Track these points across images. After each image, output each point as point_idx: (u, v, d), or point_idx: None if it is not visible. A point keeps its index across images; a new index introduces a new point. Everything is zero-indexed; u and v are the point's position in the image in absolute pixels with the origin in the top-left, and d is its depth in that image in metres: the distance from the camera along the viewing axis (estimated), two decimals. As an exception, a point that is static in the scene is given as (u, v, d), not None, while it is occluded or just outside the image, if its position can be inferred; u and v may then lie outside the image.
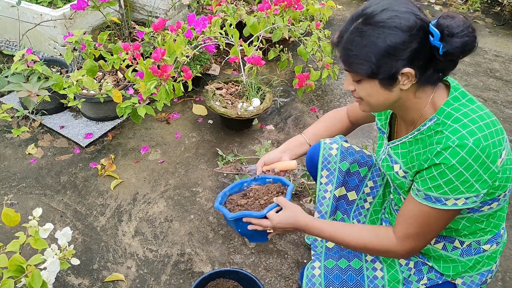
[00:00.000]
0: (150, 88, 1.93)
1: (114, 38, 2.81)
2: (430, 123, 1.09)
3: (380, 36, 1.00)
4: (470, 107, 1.06)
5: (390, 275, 1.30)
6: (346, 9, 4.24)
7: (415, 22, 0.99)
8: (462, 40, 0.98)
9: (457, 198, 1.05)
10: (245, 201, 1.45)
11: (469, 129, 1.01)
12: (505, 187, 1.10)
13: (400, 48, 0.99)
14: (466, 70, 3.33)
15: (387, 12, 1.01)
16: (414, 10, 1.01)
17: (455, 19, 0.98)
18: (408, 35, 0.99)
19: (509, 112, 2.89)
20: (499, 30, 4.02)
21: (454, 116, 1.05)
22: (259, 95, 2.49)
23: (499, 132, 1.05)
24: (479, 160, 1.00)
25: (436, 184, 1.05)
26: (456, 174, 1.02)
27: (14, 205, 2.06)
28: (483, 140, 1.00)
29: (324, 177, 1.47)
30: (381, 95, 1.08)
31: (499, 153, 1.03)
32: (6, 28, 2.90)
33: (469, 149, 1.00)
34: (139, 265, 1.83)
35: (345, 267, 1.35)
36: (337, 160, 1.46)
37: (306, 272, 1.36)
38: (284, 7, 2.47)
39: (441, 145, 1.03)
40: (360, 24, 1.03)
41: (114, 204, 2.10)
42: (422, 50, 1.01)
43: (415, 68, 1.02)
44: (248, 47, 2.23)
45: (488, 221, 1.19)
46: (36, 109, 2.43)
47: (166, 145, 2.45)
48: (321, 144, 1.50)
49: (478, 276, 1.26)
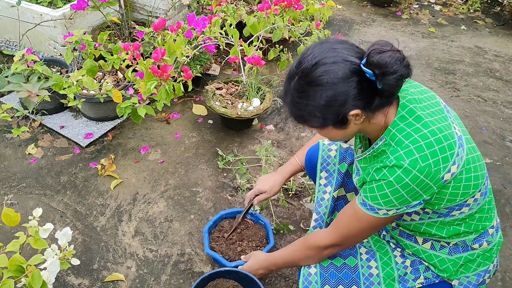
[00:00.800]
0: (150, 88, 1.93)
1: (114, 38, 2.81)
2: (380, 142, 1.15)
3: (317, 94, 1.05)
4: (415, 126, 1.09)
5: (385, 272, 1.31)
6: (346, 9, 4.24)
7: (345, 71, 1.03)
8: (395, 77, 1.01)
9: (388, 210, 1.12)
10: (230, 235, 1.81)
11: (407, 149, 1.06)
12: (466, 194, 1.13)
13: (339, 99, 1.05)
14: (466, 70, 3.33)
15: (317, 69, 1.05)
16: (343, 56, 1.04)
17: (384, 55, 1.00)
18: (342, 85, 1.03)
19: (509, 112, 2.89)
20: (499, 30, 4.02)
21: (397, 137, 1.10)
22: (259, 95, 2.49)
23: (446, 149, 1.07)
24: (417, 180, 1.05)
25: (372, 195, 1.13)
26: (392, 190, 1.08)
27: (14, 205, 2.06)
28: (420, 161, 1.05)
29: (323, 178, 1.48)
30: (339, 134, 1.16)
31: (443, 170, 1.06)
32: (6, 28, 2.90)
33: (405, 169, 1.05)
34: (139, 265, 1.83)
35: (340, 265, 1.36)
36: (336, 162, 1.47)
37: (303, 271, 1.38)
38: (284, 7, 2.47)
39: (381, 164, 1.10)
40: (297, 83, 1.09)
41: (114, 204, 2.10)
42: (362, 89, 1.05)
43: (361, 107, 1.06)
44: (248, 47, 2.23)
45: (466, 223, 1.21)
46: (36, 109, 2.43)
47: (166, 145, 2.45)
48: (320, 145, 1.51)
49: (475, 277, 1.26)
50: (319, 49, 1.07)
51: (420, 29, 3.94)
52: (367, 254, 1.37)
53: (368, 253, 1.37)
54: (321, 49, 1.07)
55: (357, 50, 1.07)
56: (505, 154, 2.52)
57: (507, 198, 2.23)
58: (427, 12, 4.27)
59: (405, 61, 1.02)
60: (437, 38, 3.80)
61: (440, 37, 3.81)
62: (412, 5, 4.38)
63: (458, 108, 2.88)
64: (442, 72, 3.28)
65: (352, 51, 1.06)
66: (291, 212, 2.09)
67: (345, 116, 1.07)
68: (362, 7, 4.32)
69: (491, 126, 2.74)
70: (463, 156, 1.10)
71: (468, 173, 1.11)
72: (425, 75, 3.21)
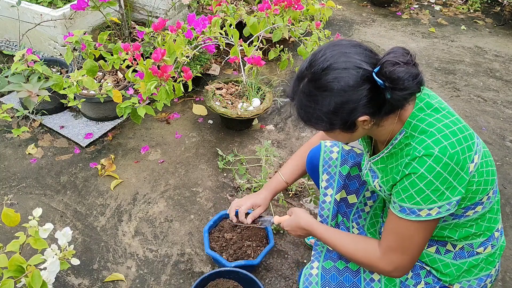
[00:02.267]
0: (150, 89, 1.93)
1: (114, 38, 2.81)
2: (400, 136, 1.11)
3: (326, 100, 1.03)
4: (435, 117, 1.08)
5: (386, 278, 1.30)
6: (346, 9, 4.24)
7: (356, 78, 1.00)
8: (404, 94, 0.99)
9: (430, 208, 1.06)
10: (230, 235, 1.79)
11: (435, 138, 1.04)
12: (485, 191, 1.12)
13: (348, 106, 1.02)
14: (466, 70, 3.33)
15: (328, 74, 1.02)
16: (355, 62, 1.02)
17: (397, 69, 0.97)
18: (352, 93, 1.01)
19: (509, 112, 2.89)
20: (499, 30, 4.02)
21: (420, 127, 1.07)
22: (259, 95, 2.49)
23: (468, 138, 1.06)
24: (448, 167, 1.02)
25: (408, 195, 1.07)
26: (426, 183, 1.03)
27: (14, 205, 2.06)
28: (449, 148, 1.02)
29: (324, 181, 1.47)
30: (346, 136, 1.14)
31: (469, 159, 1.04)
32: (6, 28, 2.90)
33: (436, 157, 1.02)
34: (139, 265, 1.83)
35: (342, 268, 1.35)
36: (337, 164, 1.45)
37: (305, 271, 1.37)
38: (284, 7, 2.47)
39: (409, 156, 1.05)
40: (306, 86, 1.07)
41: (114, 204, 2.10)
42: (373, 97, 1.02)
43: (369, 114, 1.04)
44: (248, 47, 2.23)
45: (478, 224, 1.19)
46: (36, 109, 2.43)
47: (166, 145, 2.45)
48: (322, 147, 1.49)
49: (476, 281, 1.25)
50: (331, 52, 1.05)
51: (420, 29, 3.94)
52: None
53: None
54: (333, 52, 1.04)
55: (370, 56, 1.05)
56: (505, 154, 2.53)
57: (507, 198, 2.23)
58: (427, 12, 4.27)
59: (419, 77, 0.99)
60: (437, 38, 3.80)
61: (440, 37, 3.81)
62: (412, 5, 4.38)
63: (458, 108, 2.88)
64: (442, 72, 3.28)
65: (365, 56, 1.04)
66: (291, 212, 2.09)
67: (353, 122, 1.06)
68: (362, 7, 4.32)
69: (491, 126, 2.74)
70: (481, 148, 1.10)
71: (487, 166, 1.10)
72: (425, 75, 3.21)
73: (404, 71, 0.97)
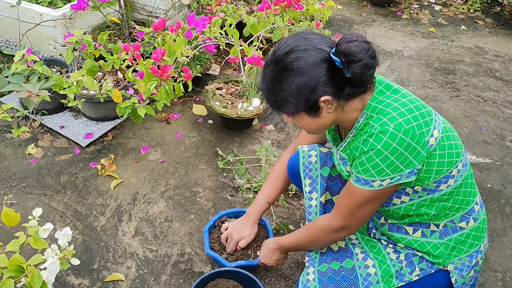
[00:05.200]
0: (150, 89, 1.93)
1: (114, 38, 2.81)
2: (361, 120, 1.19)
3: (289, 79, 1.11)
4: (394, 97, 1.16)
5: (382, 270, 1.32)
6: (346, 9, 4.24)
7: (315, 58, 1.09)
8: (359, 65, 1.07)
9: (382, 180, 1.14)
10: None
11: (390, 116, 1.12)
12: (451, 163, 1.17)
13: (309, 84, 1.10)
14: (466, 70, 3.33)
15: (289, 55, 1.11)
16: (314, 44, 1.11)
17: (351, 44, 1.07)
18: (312, 71, 1.09)
19: (509, 112, 2.89)
20: (499, 30, 4.02)
21: (378, 108, 1.15)
22: (259, 95, 2.49)
23: (425, 114, 1.14)
24: (404, 143, 1.09)
25: (364, 168, 1.15)
26: (382, 158, 1.11)
27: (14, 205, 2.06)
28: (404, 124, 1.10)
29: (307, 185, 1.48)
30: (313, 122, 1.20)
31: (426, 133, 1.12)
32: (6, 28, 2.90)
33: (391, 134, 1.09)
34: (139, 265, 1.84)
35: (337, 268, 1.36)
36: (317, 167, 1.48)
37: (301, 278, 1.40)
38: (284, 7, 2.47)
39: (367, 134, 1.13)
40: (271, 70, 1.15)
41: (114, 204, 2.10)
42: (332, 76, 1.10)
43: (331, 94, 1.12)
44: (248, 47, 2.23)
45: (453, 198, 1.24)
46: (36, 109, 2.44)
47: (166, 145, 2.45)
48: (300, 152, 1.52)
49: (468, 258, 1.28)
50: (292, 39, 1.14)
51: (420, 29, 3.94)
52: (363, 254, 1.37)
53: (364, 253, 1.38)
54: (294, 39, 1.13)
55: (328, 41, 1.13)
56: (505, 154, 2.53)
57: (507, 198, 2.23)
58: (427, 12, 4.27)
59: (371, 51, 1.08)
60: (437, 38, 3.80)
61: (440, 37, 3.81)
62: (412, 5, 4.38)
63: (458, 108, 2.88)
64: (442, 72, 3.28)
65: (323, 41, 1.12)
66: (291, 212, 2.09)
67: (316, 102, 1.12)
68: (362, 7, 4.32)
69: (491, 126, 2.74)
70: (440, 123, 1.18)
71: (449, 140, 1.18)
72: (425, 75, 3.21)
73: (357, 45, 1.07)
